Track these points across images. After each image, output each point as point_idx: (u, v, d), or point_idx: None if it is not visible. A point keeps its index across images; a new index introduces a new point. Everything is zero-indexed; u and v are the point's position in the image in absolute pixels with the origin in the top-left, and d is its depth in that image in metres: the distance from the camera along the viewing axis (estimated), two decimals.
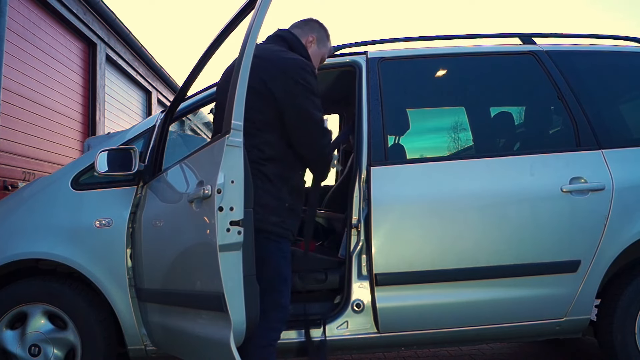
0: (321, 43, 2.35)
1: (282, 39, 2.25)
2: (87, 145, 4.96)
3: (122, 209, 2.51)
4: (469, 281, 2.45)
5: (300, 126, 2.08)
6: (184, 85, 2.54)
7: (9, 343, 2.47)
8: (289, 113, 2.05)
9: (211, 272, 1.77)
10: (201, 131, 12.66)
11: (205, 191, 1.79)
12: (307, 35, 2.31)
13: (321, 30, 2.36)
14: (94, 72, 7.69)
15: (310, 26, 2.35)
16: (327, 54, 2.42)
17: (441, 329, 2.48)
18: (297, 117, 2.06)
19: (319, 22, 2.38)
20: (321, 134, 2.13)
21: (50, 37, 6.62)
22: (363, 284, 2.45)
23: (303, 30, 2.32)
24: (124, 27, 8.35)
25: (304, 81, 2.06)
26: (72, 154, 6.87)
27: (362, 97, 2.63)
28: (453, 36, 2.95)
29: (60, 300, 2.49)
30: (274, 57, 2.10)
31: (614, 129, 2.68)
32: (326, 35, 2.38)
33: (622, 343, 2.50)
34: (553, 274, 2.47)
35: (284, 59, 2.10)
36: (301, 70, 2.07)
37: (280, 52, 2.15)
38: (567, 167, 2.53)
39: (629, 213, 2.50)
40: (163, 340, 2.41)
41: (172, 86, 11.49)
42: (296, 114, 2.06)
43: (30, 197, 2.66)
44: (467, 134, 2.84)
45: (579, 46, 2.94)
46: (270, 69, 2.05)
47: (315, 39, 2.32)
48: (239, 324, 1.76)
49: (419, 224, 2.50)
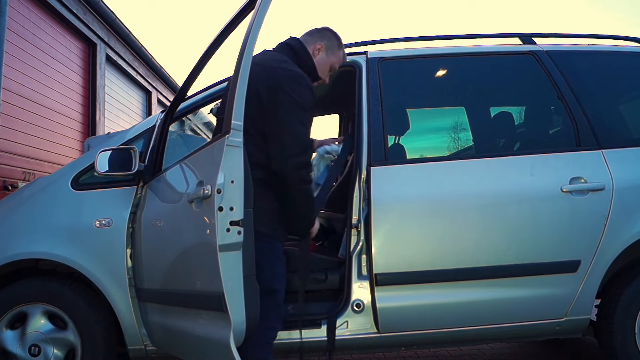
0: (330, 51, 2.33)
1: (289, 47, 2.26)
2: (87, 145, 4.97)
3: (122, 209, 2.51)
4: (469, 281, 2.45)
5: (275, 136, 2.02)
6: (184, 85, 2.54)
7: (9, 343, 2.47)
8: (270, 121, 2.03)
9: (211, 272, 1.77)
10: (201, 131, 12.66)
11: (205, 191, 1.79)
12: (315, 43, 2.30)
13: (332, 39, 2.34)
14: (94, 72, 7.69)
15: (321, 34, 2.34)
16: (337, 62, 2.38)
17: (441, 329, 2.48)
18: (274, 125, 2.02)
19: (332, 31, 2.37)
20: (295, 148, 2.01)
21: (50, 37, 6.62)
22: (363, 284, 2.45)
23: (312, 38, 2.32)
24: (124, 27, 8.35)
25: (294, 93, 2.04)
26: (72, 154, 6.87)
27: (362, 97, 2.63)
28: (453, 36, 2.95)
29: (60, 300, 2.49)
30: (271, 66, 2.10)
31: (614, 129, 2.68)
32: (337, 44, 2.36)
33: (622, 343, 2.50)
34: (553, 274, 2.47)
35: (278, 69, 2.09)
36: (293, 82, 2.06)
37: (278, 62, 2.14)
38: (567, 167, 2.53)
39: (629, 213, 2.50)
40: (163, 340, 2.41)
41: (172, 86, 11.50)
42: (275, 123, 2.02)
43: (30, 197, 2.66)
44: (467, 134, 2.84)
45: (579, 46, 2.94)
46: (264, 78, 2.05)
47: (323, 47, 2.31)
48: (239, 324, 1.76)
49: (419, 224, 2.50)
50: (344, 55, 2.42)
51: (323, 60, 2.32)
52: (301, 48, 2.27)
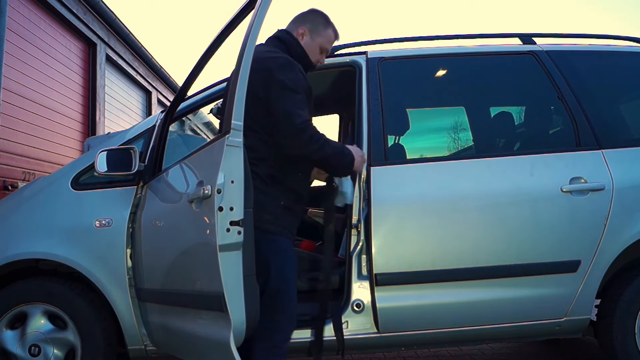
0: (315, 33, 2.26)
1: (277, 39, 2.25)
2: (87, 145, 4.97)
3: (122, 209, 2.51)
4: (469, 281, 2.45)
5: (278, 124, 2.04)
6: (184, 85, 2.54)
7: (9, 343, 2.47)
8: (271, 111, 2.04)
9: (211, 272, 1.77)
10: (201, 131, 12.66)
11: (205, 191, 1.79)
12: (297, 29, 2.26)
13: (315, 20, 2.28)
14: (94, 72, 7.69)
15: (303, 18, 2.28)
16: (327, 42, 2.31)
17: (441, 329, 2.48)
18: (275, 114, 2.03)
19: (315, 12, 2.30)
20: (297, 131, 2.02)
21: (50, 37, 6.62)
22: (363, 284, 2.45)
23: (295, 24, 2.28)
24: (124, 27, 8.35)
25: (286, 79, 2.04)
26: (72, 154, 6.87)
27: (362, 97, 2.63)
28: (453, 36, 2.95)
29: (60, 300, 2.49)
30: (258, 58, 2.05)
31: (614, 129, 2.68)
32: (323, 22, 2.28)
33: (622, 343, 2.50)
34: (553, 274, 2.47)
35: (266, 59, 2.08)
36: (282, 68, 2.06)
37: (264, 53, 2.13)
38: (567, 167, 2.53)
39: (629, 213, 2.49)
40: (163, 340, 2.41)
41: (172, 86, 11.50)
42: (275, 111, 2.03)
43: (30, 197, 2.66)
44: (467, 134, 2.84)
45: (579, 46, 2.94)
46: (255, 70, 2.01)
47: (306, 30, 2.25)
48: (239, 324, 1.76)
49: (419, 224, 2.50)
50: (334, 33, 2.32)
51: (309, 44, 2.26)
52: (287, 37, 2.24)
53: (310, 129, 2.04)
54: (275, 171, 2.07)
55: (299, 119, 2.01)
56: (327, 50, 2.34)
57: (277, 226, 2.06)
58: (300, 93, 2.06)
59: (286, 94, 2.03)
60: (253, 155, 1.99)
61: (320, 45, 2.29)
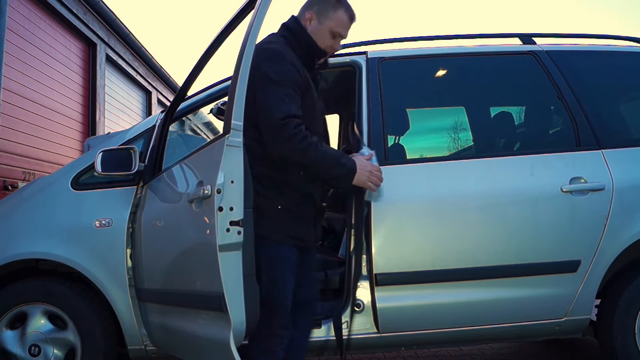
0: (323, 16, 2.08)
1: (284, 27, 2.14)
2: (87, 145, 4.96)
3: (122, 209, 2.51)
4: (469, 281, 2.45)
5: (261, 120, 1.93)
6: (184, 85, 2.54)
7: (9, 343, 2.47)
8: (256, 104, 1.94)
9: (211, 272, 1.77)
10: (201, 131, 12.66)
11: (205, 191, 1.79)
12: (304, 14, 2.11)
13: (324, 2, 2.10)
14: (94, 72, 7.69)
15: (310, 2, 2.14)
16: (339, 25, 2.10)
17: (441, 329, 2.48)
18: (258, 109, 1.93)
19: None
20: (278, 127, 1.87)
21: (50, 37, 6.62)
22: (363, 284, 2.45)
23: (303, 9, 2.15)
24: (124, 27, 8.35)
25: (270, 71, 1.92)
26: (72, 154, 6.87)
27: (362, 97, 2.63)
28: (453, 36, 2.95)
29: (60, 300, 2.49)
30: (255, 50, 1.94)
31: (614, 129, 2.68)
32: (332, 4, 2.09)
33: (622, 343, 2.50)
34: (553, 274, 2.47)
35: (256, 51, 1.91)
36: (267, 61, 1.95)
37: (260, 44, 2.02)
38: (567, 167, 2.53)
39: (629, 213, 2.50)
40: (163, 340, 2.41)
41: (172, 86, 11.49)
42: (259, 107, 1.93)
43: (30, 197, 2.66)
44: (467, 134, 2.84)
45: (579, 46, 2.94)
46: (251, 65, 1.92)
47: (313, 14, 2.09)
48: (238, 324, 1.76)
49: (419, 224, 2.50)
50: (347, 14, 2.11)
51: (317, 29, 2.09)
52: (294, 24, 2.10)
53: (293, 127, 1.87)
54: (272, 171, 1.97)
55: (278, 114, 1.87)
56: (341, 34, 2.13)
57: (272, 232, 1.95)
58: (286, 86, 1.92)
59: (269, 87, 1.91)
60: (248, 155, 1.88)
61: (331, 30, 2.09)
